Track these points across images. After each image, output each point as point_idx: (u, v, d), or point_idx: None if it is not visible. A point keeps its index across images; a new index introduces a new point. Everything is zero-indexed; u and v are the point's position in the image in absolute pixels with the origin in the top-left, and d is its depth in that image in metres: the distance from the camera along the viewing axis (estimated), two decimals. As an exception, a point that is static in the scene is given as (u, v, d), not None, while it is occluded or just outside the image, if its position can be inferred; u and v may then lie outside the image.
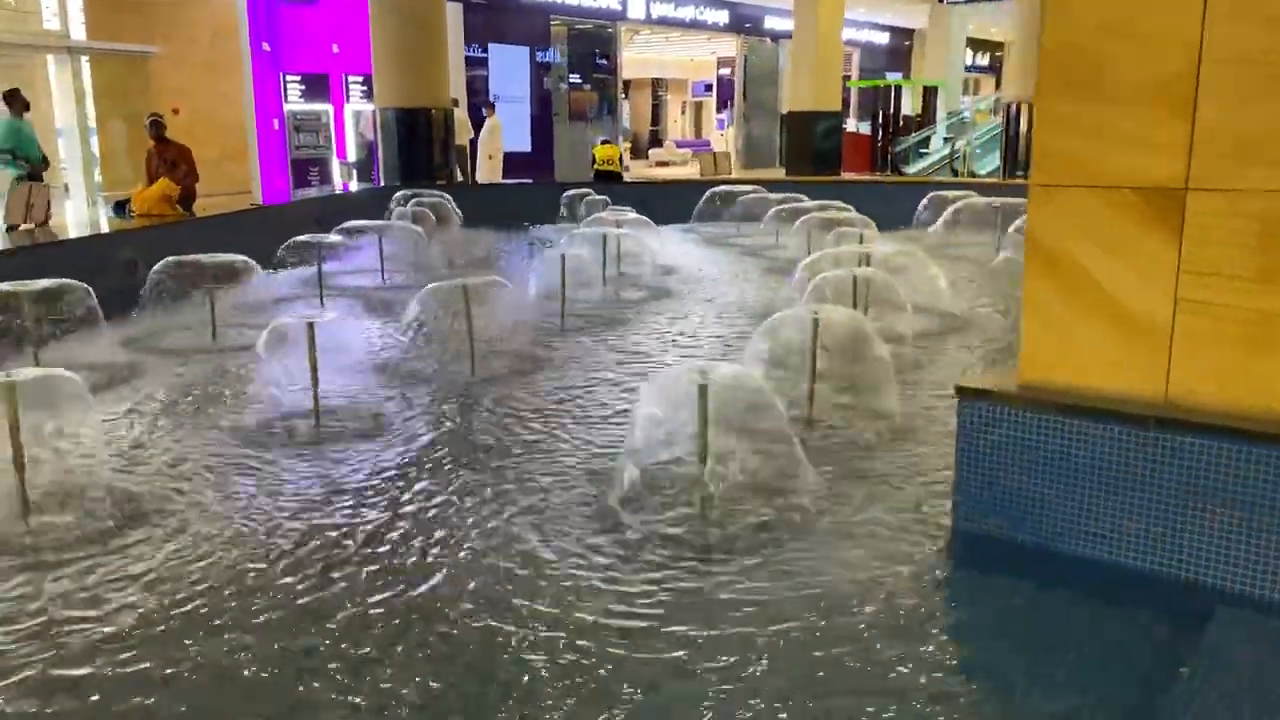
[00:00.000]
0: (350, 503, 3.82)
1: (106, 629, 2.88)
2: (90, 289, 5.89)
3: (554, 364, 5.99)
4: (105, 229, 10.05)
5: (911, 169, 23.91)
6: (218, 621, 2.92)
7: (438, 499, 3.85)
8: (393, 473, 4.14)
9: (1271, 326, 2.98)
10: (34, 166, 9.74)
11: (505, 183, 17.26)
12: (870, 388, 4.67)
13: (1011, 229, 9.68)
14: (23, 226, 9.19)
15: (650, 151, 34.77)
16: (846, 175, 20.01)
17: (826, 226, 10.16)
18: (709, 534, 3.48)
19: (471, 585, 3.13)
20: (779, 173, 21.13)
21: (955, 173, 21.73)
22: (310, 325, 4.64)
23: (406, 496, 3.88)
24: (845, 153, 21.49)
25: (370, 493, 3.92)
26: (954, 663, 2.76)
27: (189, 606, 3.01)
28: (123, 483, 3.94)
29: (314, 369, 4.67)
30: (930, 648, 2.81)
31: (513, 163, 19.37)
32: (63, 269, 6.14)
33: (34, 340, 5.61)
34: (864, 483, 3.96)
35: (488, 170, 17.14)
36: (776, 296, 7.37)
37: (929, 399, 5.01)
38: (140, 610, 2.98)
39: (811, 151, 20.00)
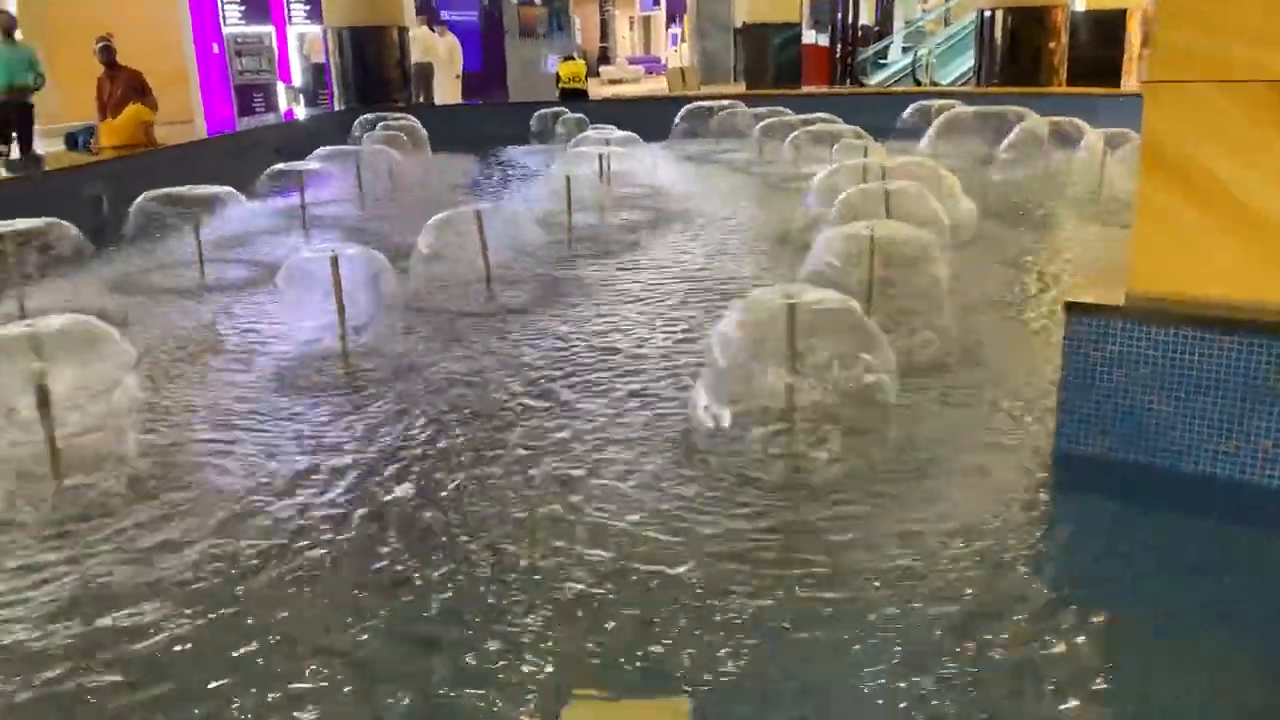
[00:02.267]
0: (390, 447, 3.56)
1: (150, 586, 2.62)
2: (74, 227, 5.44)
3: (569, 288, 5.72)
4: (44, 164, 9.43)
5: (872, 80, 23.55)
6: (270, 572, 2.67)
7: (484, 437, 3.60)
8: (435, 412, 3.87)
9: None
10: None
11: (470, 104, 16.66)
12: (932, 305, 4.47)
13: (1005, 142, 9.50)
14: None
15: (601, 69, 33.90)
16: (813, 88, 19.62)
17: (816, 140, 9.89)
18: (800, 464, 3.28)
19: (538, 520, 2.92)
20: (738, 87, 20.67)
21: (917, 82, 21.42)
22: (334, 260, 4.30)
23: (452, 435, 3.62)
24: (804, 65, 21.07)
25: (412, 437, 3.65)
26: (1070, 589, 2.61)
27: (238, 561, 2.75)
28: (152, 438, 3.63)
29: (340, 306, 4.35)
30: (1044, 575, 2.67)
31: (464, 82, 18.66)
32: (28, 206, 5.67)
33: (16, 284, 5.17)
34: (948, 406, 3.79)
35: (450, 91, 16.48)
36: (791, 215, 7.10)
37: (989, 315, 4.85)
38: (187, 568, 2.72)
39: (770, 65, 19.60)
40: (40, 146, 11.54)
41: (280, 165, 7.76)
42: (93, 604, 2.60)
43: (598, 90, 26.03)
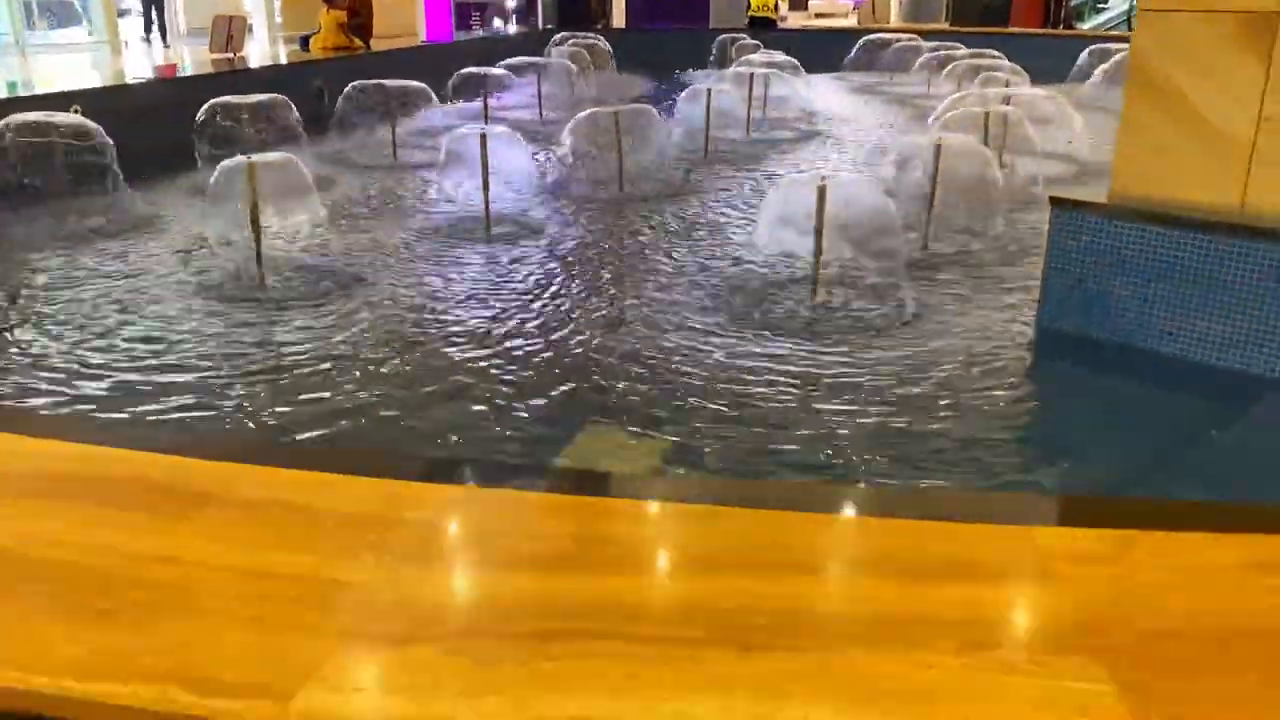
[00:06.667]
0: (515, 281, 4.55)
1: (323, 354, 3.70)
2: (293, 105, 6.71)
3: (694, 188, 6.54)
4: (282, 62, 11.03)
5: (1085, 25, 22.65)
6: (408, 354, 3.70)
7: (585, 287, 4.52)
8: (551, 265, 4.83)
9: (1348, 145, 3.25)
10: None
11: (659, 27, 17.43)
12: (985, 212, 5.03)
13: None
14: (221, 55, 10.17)
15: (810, 2, 33.71)
16: (1010, 29, 19.18)
17: (977, 74, 10.15)
18: (816, 320, 4.02)
19: (603, 343, 3.82)
20: (942, 26, 20.43)
21: (1132, 29, 20.49)
22: (483, 136, 5.30)
23: (560, 285, 4.56)
24: (1015, 5, 20.57)
25: (530, 277, 4.63)
26: (1026, 431, 3.25)
27: (387, 347, 3.80)
28: (335, 259, 4.77)
29: (485, 176, 5.35)
30: (1007, 420, 3.31)
31: (667, 6, 19.39)
32: (267, 91, 6.98)
33: (245, 148, 6.45)
34: (967, 290, 4.41)
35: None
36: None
37: (1040, 226, 5.35)
38: (350, 342, 3.79)
39: (980, 4, 19.32)
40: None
41: (468, 69, 8.87)
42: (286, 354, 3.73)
43: (802, 21, 26.14)
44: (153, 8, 14.12)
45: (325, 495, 1.56)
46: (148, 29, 13.48)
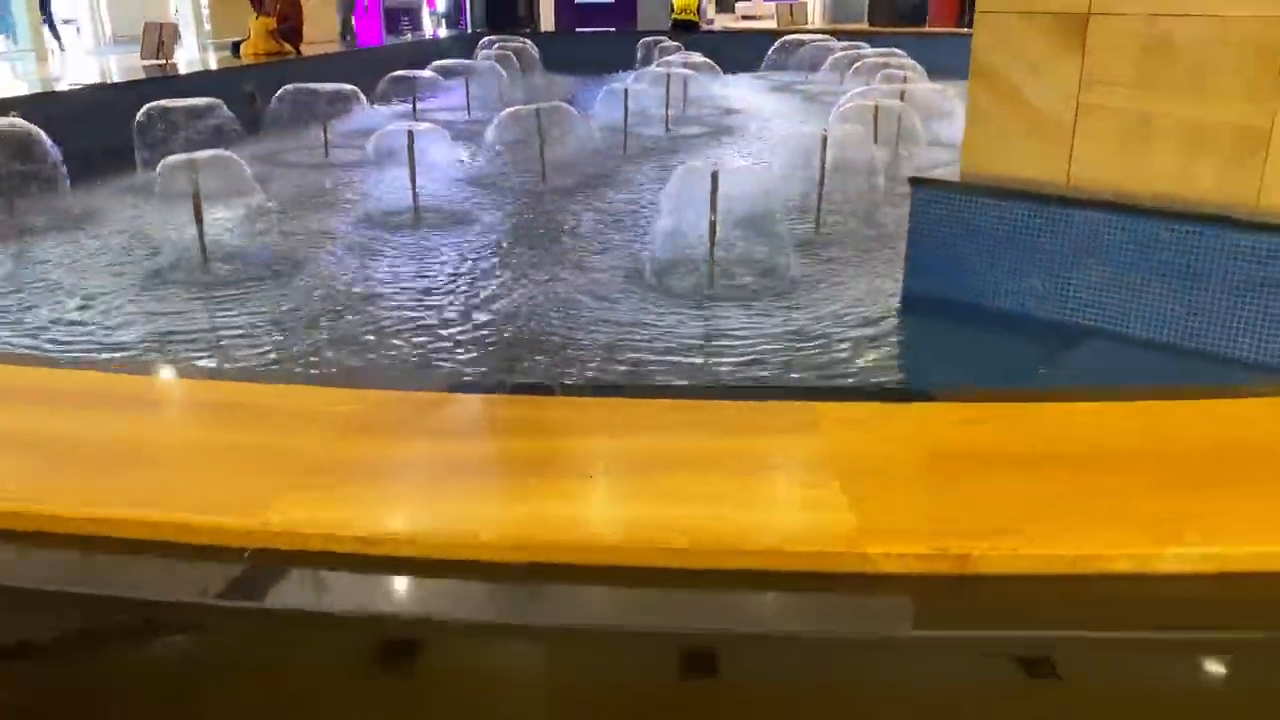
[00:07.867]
0: (440, 263, 4.98)
1: (261, 329, 4.09)
2: (228, 108, 7.04)
3: (613, 180, 7.01)
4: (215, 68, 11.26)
5: (998, 23, 23.59)
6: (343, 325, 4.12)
7: (509, 265, 4.96)
8: (474, 248, 5.27)
9: (1146, 125, 3.82)
10: None
11: (587, 31, 17.92)
12: (869, 195, 5.57)
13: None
14: (153, 61, 10.41)
15: (737, 5, 34.44)
16: (925, 29, 19.98)
17: (874, 72, 10.78)
18: (712, 292, 4.51)
19: (525, 311, 4.26)
20: (864, 27, 21.20)
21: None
22: (410, 133, 5.71)
23: (486, 263, 5.00)
24: (932, 5, 21.42)
25: (456, 258, 5.06)
26: (889, 363, 3.80)
27: (320, 321, 4.20)
28: (272, 247, 5.15)
29: (412, 169, 5.76)
30: (871, 356, 3.85)
31: (595, 10, 19.88)
32: (200, 96, 7.30)
33: (181, 148, 6.78)
34: (846, 264, 4.94)
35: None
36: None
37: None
38: (286, 318, 4.19)
39: (893, 3, 20.10)
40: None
41: (398, 72, 9.25)
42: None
43: (727, 24, 26.79)
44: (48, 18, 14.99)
45: (267, 398, 1.99)
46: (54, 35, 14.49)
